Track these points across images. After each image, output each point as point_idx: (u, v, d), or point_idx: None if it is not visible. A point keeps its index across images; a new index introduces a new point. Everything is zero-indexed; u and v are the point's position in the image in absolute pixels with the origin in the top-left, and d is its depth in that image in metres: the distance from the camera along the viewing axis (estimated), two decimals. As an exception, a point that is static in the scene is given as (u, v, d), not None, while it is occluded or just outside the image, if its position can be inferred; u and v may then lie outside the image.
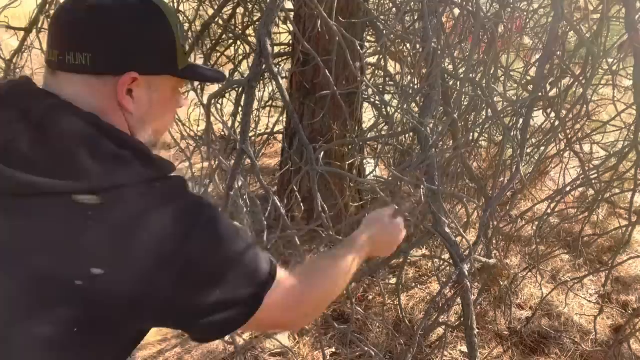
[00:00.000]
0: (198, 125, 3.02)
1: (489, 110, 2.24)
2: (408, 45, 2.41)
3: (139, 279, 0.58)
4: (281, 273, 0.73)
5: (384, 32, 2.20)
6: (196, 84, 2.55)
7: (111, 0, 0.67)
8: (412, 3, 2.03)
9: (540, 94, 1.84)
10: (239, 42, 3.07)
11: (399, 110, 1.87)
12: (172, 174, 0.68)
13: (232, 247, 0.66)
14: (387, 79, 2.84)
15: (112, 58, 0.66)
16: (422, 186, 1.51)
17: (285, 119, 3.28)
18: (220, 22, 2.99)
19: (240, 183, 1.56)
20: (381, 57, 2.47)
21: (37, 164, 0.58)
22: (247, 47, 3.00)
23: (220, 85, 2.10)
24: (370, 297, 2.68)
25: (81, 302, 0.57)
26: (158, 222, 0.61)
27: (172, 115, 0.80)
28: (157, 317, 0.63)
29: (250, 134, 3.11)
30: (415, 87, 2.03)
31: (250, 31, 3.07)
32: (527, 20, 2.45)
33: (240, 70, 3.12)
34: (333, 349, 2.26)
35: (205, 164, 1.94)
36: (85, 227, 0.57)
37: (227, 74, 3.26)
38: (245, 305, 0.67)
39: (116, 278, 0.57)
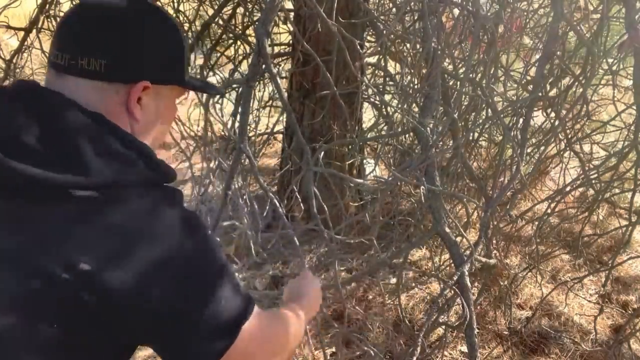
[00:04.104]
0: (198, 125, 3.02)
1: (489, 110, 2.23)
2: (408, 45, 2.41)
3: (128, 281, 0.58)
4: (256, 309, 0.71)
5: (384, 32, 2.20)
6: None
7: (128, 10, 0.69)
8: (412, 3, 2.03)
9: (540, 94, 1.84)
10: (239, 42, 3.07)
11: (399, 110, 1.87)
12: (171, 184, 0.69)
13: (220, 270, 0.66)
14: (387, 79, 2.84)
15: (127, 66, 0.67)
16: (421, 186, 1.51)
17: (285, 119, 3.27)
18: (220, 22, 2.99)
19: (239, 183, 1.56)
20: (381, 57, 2.47)
21: (40, 158, 0.58)
22: (247, 47, 3.00)
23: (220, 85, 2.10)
24: (370, 297, 2.68)
25: (67, 296, 0.56)
26: (156, 227, 0.61)
27: (170, 123, 0.81)
28: (142, 325, 0.61)
29: (250, 134, 3.11)
30: (415, 87, 2.03)
31: (250, 31, 3.07)
32: (527, 20, 2.45)
33: (240, 70, 3.12)
34: (333, 349, 2.26)
35: (205, 164, 1.94)
36: (79, 221, 0.58)
37: (227, 74, 3.26)
38: (227, 333, 0.65)
39: (106, 276, 0.57)
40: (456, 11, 2.14)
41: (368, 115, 3.55)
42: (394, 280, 2.73)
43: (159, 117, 0.74)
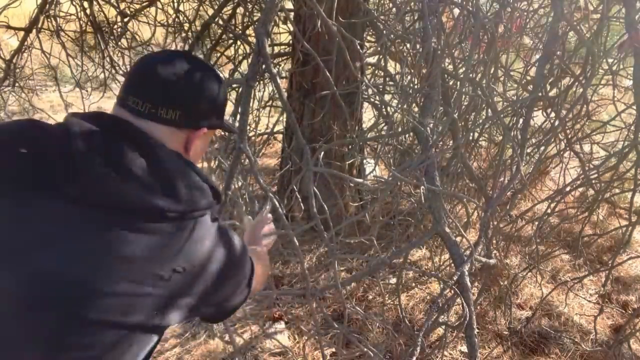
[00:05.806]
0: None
1: (489, 110, 2.24)
2: (408, 45, 2.41)
3: (201, 279, 0.82)
4: (255, 263, 1.03)
5: (384, 32, 2.20)
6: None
7: (196, 69, 0.88)
8: (412, 3, 2.03)
9: (540, 94, 1.84)
10: (239, 42, 3.07)
11: (399, 110, 1.87)
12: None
13: (245, 260, 0.96)
14: (387, 79, 2.85)
15: (195, 116, 0.88)
16: (421, 186, 1.51)
17: (285, 119, 3.28)
18: (220, 22, 3.00)
19: (240, 183, 1.56)
20: (381, 57, 2.47)
21: (146, 185, 0.76)
22: (247, 47, 3.00)
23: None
24: (370, 297, 2.68)
25: (164, 290, 0.77)
26: (212, 245, 0.85)
27: (203, 154, 1.03)
28: (200, 306, 0.86)
29: (251, 134, 3.11)
30: (415, 87, 2.03)
31: (250, 31, 3.07)
32: (527, 20, 2.45)
33: (240, 70, 3.13)
34: (333, 349, 2.26)
35: (205, 164, 1.95)
36: (170, 236, 0.78)
37: (227, 74, 3.26)
38: (248, 287, 0.98)
39: (187, 277, 0.80)
40: (456, 11, 2.15)
41: (368, 115, 3.55)
42: (394, 280, 2.74)
43: (199, 153, 0.96)
